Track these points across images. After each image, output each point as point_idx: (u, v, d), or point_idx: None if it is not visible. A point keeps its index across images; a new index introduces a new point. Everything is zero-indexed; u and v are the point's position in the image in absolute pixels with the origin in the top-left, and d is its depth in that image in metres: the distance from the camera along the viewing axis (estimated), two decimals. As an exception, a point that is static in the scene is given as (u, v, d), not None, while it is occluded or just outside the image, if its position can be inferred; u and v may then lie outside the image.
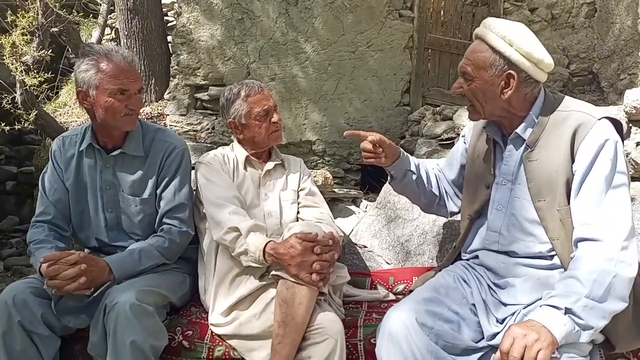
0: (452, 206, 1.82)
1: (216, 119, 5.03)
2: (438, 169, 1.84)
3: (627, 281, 1.26)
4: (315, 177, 3.79)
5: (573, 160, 1.40)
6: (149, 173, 1.87)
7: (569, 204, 1.40)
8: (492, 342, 1.40)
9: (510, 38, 1.40)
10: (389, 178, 1.79)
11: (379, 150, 1.66)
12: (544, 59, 1.41)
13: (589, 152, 1.36)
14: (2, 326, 1.57)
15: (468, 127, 1.75)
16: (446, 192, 1.82)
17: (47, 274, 1.56)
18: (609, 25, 4.82)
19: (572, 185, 1.39)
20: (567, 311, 1.22)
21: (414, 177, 1.73)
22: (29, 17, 4.09)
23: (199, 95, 5.08)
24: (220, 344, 1.70)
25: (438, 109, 4.52)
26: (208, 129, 5.09)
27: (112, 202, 1.87)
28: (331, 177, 4.09)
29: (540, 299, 1.35)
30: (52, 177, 1.87)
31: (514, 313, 1.43)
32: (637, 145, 2.65)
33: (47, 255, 1.61)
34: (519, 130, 1.48)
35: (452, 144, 3.83)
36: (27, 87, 4.01)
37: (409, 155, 1.76)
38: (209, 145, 4.66)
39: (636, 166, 2.61)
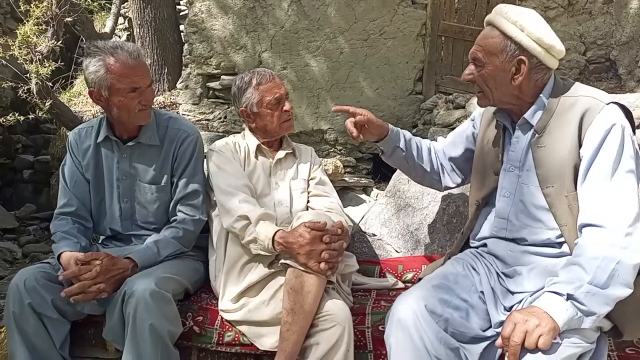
0: (447, 181, 1.84)
1: (228, 108, 5.04)
2: (435, 144, 1.85)
3: (631, 267, 1.25)
4: (325, 165, 3.79)
5: (580, 145, 1.38)
6: (164, 161, 1.90)
7: (576, 189, 1.39)
8: (500, 330, 1.40)
9: (522, 23, 1.40)
10: (379, 151, 1.82)
11: (357, 133, 1.68)
12: (555, 44, 1.40)
13: (595, 137, 1.35)
14: (15, 308, 1.61)
15: (478, 112, 1.74)
16: (442, 166, 1.83)
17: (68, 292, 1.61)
18: (628, 11, 4.71)
19: (579, 170, 1.38)
20: (569, 297, 1.22)
21: (403, 153, 1.77)
22: (43, 7, 4.12)
23: (211, 84, 5.09)
24: (230, 329, 1.73)
25: (451, 97, 4.47)
26: (220, 118, 5.11)
27: (128, 192, 1.90)
28: (342, 166, 4.10)
29: (548, 286, 1.34)
30: (71, 169, 1.90)
31: (521, 301, 1.43)
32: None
33: (66, 271, 1.64)
34: (527, 115, 1.47)
35: (465, 133, 3.78)
36: (42, 77, 4.05)
37: (400, 131, 1.78)
38: (221, 134, 4.68)
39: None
